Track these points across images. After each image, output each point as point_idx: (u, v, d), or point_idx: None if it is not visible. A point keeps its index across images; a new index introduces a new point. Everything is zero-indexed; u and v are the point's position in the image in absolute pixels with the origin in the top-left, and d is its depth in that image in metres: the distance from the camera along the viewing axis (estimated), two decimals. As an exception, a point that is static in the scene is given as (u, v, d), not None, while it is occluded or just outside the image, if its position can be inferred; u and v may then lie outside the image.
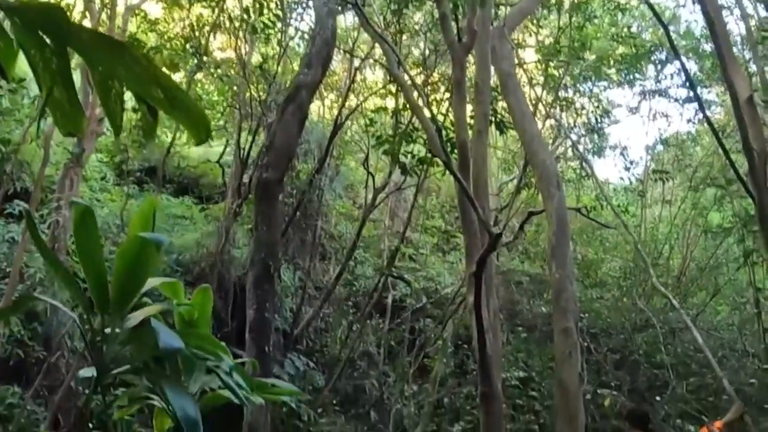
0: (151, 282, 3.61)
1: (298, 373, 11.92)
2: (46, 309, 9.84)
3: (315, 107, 15.30)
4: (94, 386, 3.48)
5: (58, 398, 9.04)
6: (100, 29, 11.23)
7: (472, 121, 9.14)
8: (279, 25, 12.90)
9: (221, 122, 14.62)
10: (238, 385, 3.67)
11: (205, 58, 13.09)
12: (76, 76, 9.70)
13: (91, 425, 4.92)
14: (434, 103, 12.58)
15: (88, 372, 4.32)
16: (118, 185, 13.71)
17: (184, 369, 4.05)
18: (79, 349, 9.42)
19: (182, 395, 3.28)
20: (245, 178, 12.30)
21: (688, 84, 14.69)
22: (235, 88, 13.59)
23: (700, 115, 16.06)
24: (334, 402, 12.38)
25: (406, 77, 10.29)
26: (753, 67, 12.38)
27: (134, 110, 2.96)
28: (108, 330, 3.47)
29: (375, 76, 17.11)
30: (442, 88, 13.86)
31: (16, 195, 11.01)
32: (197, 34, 12.92)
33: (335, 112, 14.07)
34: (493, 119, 10.62)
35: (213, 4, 12.85)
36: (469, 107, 9.44)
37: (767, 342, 12.74)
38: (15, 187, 11.19)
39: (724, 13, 11.41)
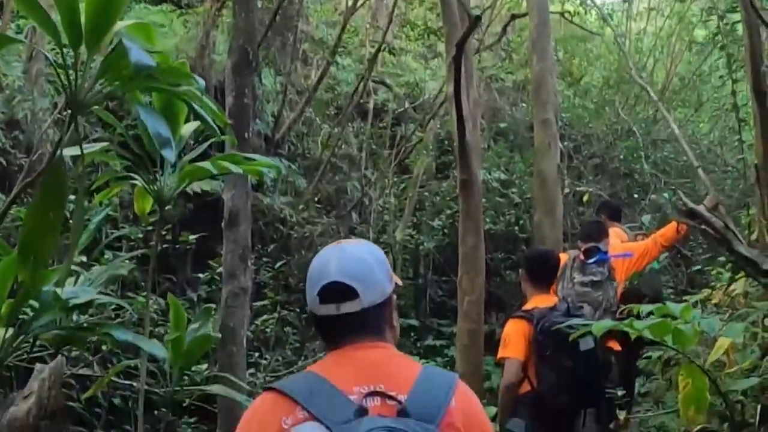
0: (121, 25, 3.54)
1: (281, 176, 11.98)
2: (27, 117, 9.78)
3: None
4: (68, 124, 3.47)
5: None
6: None
7: None
8: None
9: None
10: (210, 113, 3.65)
11: None
12: None
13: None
14: None
15: (72, 150, 4.32)
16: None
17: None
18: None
19: (154, 117, 3.27)
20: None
21: None
22: None
23: None
24: (317, 202, 12.51)
25: None
26: None
27: None
28: (81, 66, 3.43)
29: None
30: None
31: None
32: None
33: None
34: None
35: None
36: None
37: (746, 155, 12.81)
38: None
39: None
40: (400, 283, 2.31)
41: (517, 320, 5.39)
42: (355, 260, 2.15)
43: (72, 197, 5.46)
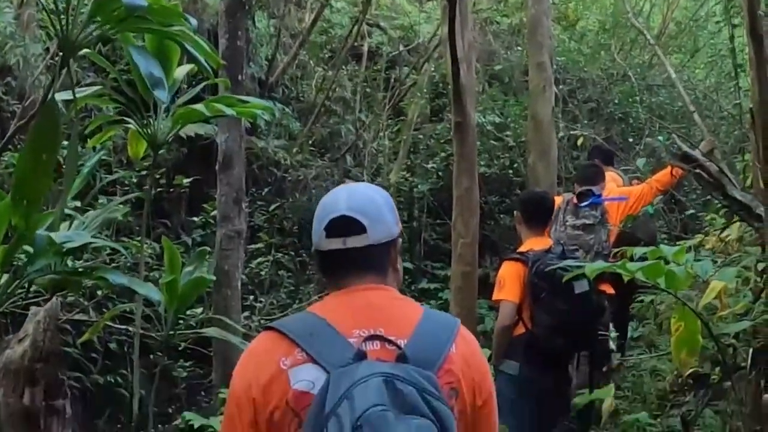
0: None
1: (275, 120, 11.92)
2: (19, 63, 9.70)
3: None
4: (60, 67, 3.44)
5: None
6: None
7: None
8: None
9: None
10: (203, 54, 3.62)
11: None
12: None
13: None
14: None
15: (65, 95, 4.28)
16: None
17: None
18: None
19: (146, 58, 3.24)
20: None
21: None
22: None
23: None
24: (311, 145, 12.47)
25: None
26: None
27: None
28: (72, 11, 3.39)
29: None
30: None
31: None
32: None
33: None
34: None
35: None
36: None
37: (742, 101, 12.74)
38: None
39: None
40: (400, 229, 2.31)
41: (513, 262, 5.40)
42: (364, 197, 2.16)
43: (66, 143, 5.43)
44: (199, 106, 4.49)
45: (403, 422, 1.74)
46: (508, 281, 5.30)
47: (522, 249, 5.51)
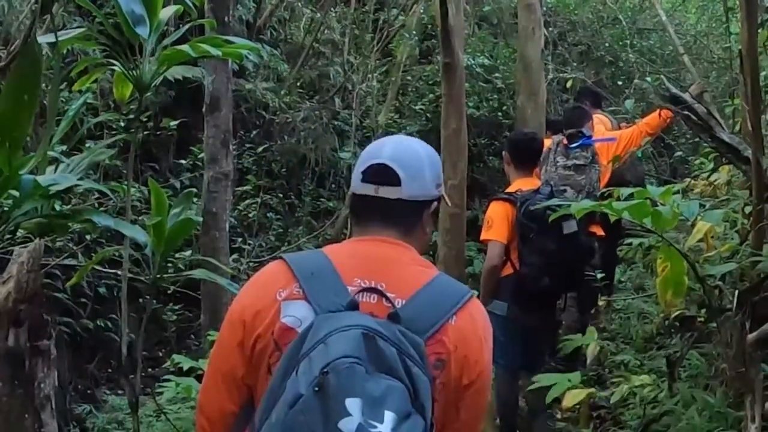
0: None
1: (262, 62, 11.84)
2: (4, 8, 9.62)
3: None
4: (41, 6, 3.38)
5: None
6: None
7: None
8: None
9: None
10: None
11: None
12: None
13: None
14: None
15: (48, 38, 4.21)
16: None
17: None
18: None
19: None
20: None
21: None
22: None
23: None
24: (299, 87, 12.40)
25: None
26: None
27: None
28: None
29: None
30: None
31: None
32: None
33: None
34: None
35: None
36: None
37: (732, 46, 12.65)
38: None
39: None
40: (449, 203, 2.26)
41: (501, 202, 5.39)
42: (409, 150, 2.13)
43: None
44: (185, 47, 4.43)
45: (374, 380, 1.71)
46: (496, 221, 5.29)
47: (510, 189, 5.50)
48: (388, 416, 1.66)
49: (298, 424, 1.68)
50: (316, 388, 1.68)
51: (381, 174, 2.07)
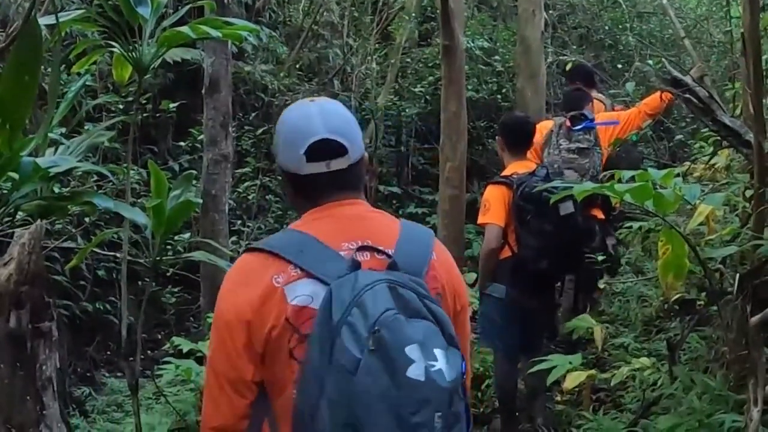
0: None
1: (261, 44, 11.80)
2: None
3: None
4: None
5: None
6: None
7: None
8: None
9: None
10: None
11: None
12: None
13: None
14: None
15: (48, 19, 4.19)
16: None
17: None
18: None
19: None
20: None
21: None
22: None
23: None
24: (298, 69, 12.36)
25: None
26: None
27: None
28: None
29: None
30: None
31: None
32: None
33: None
34: None
35: None
36: None
37: (733, 30, 12.60)
38: None
39: None
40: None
41: (497, 186, 5.40)
42: (339, 117, 2.14)
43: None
44: (185, 29, 4.41)
45: (412, 325, 1.80)
46: (493, 204, 5.30)
47: (505, 173, 5.50)
48: (438, 353, 1.79)
49: (366, 386, 1.74)
50: (372, 348, 1.74)
51: (327, 150, 2.07)
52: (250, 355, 1.95)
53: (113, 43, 4.53)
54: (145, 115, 10.01)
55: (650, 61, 9.25)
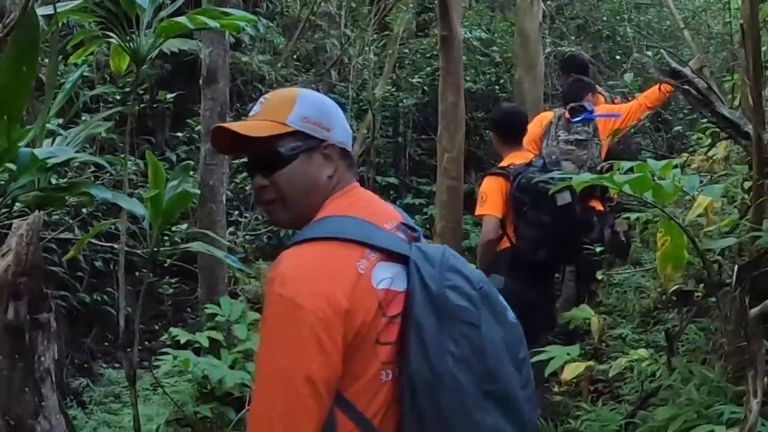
0: None
1: (259, 35, 11.78)
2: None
3: None
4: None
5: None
6: None
7: None
8: None
9: None
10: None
11: None
12: None
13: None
14: None
15: (46, 10, 4.17)
16: None
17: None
18: None
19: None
20: None
21: None
22: None
23: None
24: (296, 60, 12.34)
25: None
26: None
27: None
28: None
29: None
30: None
31: None
32: None
33: None
34: None
35: None
36: None
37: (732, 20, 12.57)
38: None
39: None
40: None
41: (494, 177, 5.41)
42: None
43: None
44: (182, 19, 4.40)
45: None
46: (491, 196, 5.31)
47: (503, 164, 5.51)
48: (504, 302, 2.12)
49: (491, 336, 1.96)
50: (484, 302, 1.99)
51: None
52: (342, 347, 1.85)
53: (111, 34, 4.52)
54: (142, 105, 9.99)
55: (649, 53, 9.25)
